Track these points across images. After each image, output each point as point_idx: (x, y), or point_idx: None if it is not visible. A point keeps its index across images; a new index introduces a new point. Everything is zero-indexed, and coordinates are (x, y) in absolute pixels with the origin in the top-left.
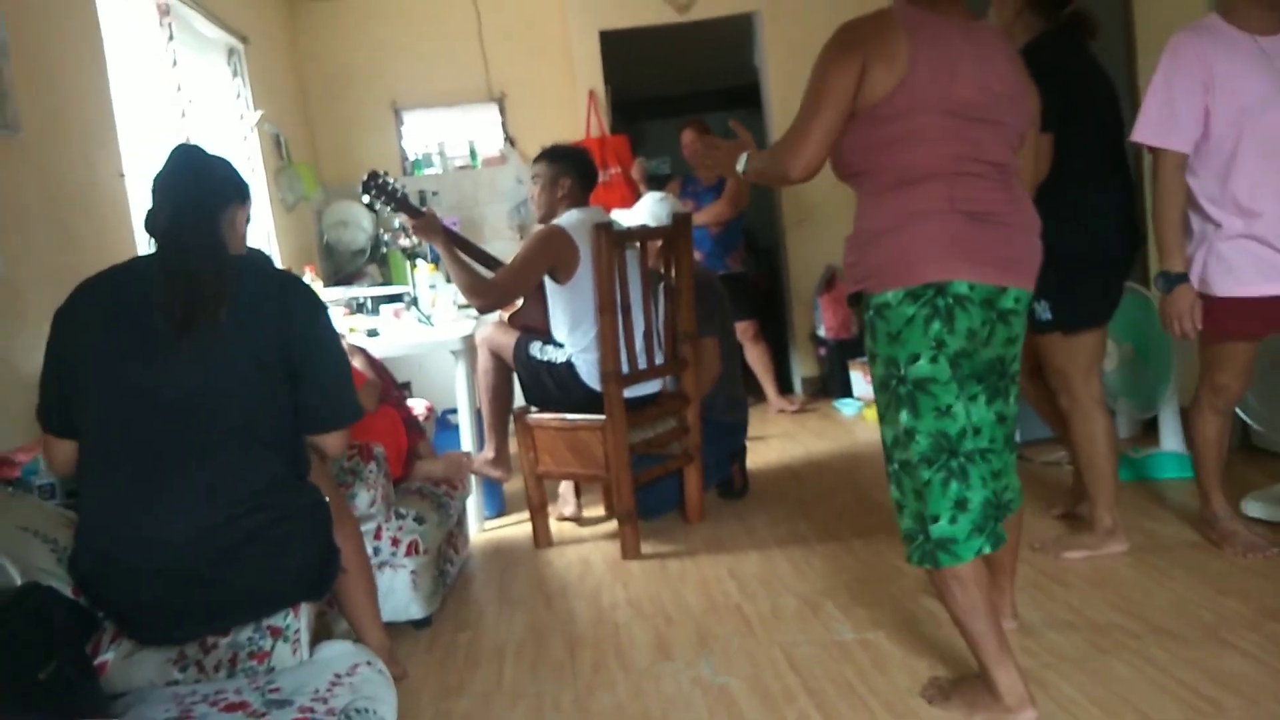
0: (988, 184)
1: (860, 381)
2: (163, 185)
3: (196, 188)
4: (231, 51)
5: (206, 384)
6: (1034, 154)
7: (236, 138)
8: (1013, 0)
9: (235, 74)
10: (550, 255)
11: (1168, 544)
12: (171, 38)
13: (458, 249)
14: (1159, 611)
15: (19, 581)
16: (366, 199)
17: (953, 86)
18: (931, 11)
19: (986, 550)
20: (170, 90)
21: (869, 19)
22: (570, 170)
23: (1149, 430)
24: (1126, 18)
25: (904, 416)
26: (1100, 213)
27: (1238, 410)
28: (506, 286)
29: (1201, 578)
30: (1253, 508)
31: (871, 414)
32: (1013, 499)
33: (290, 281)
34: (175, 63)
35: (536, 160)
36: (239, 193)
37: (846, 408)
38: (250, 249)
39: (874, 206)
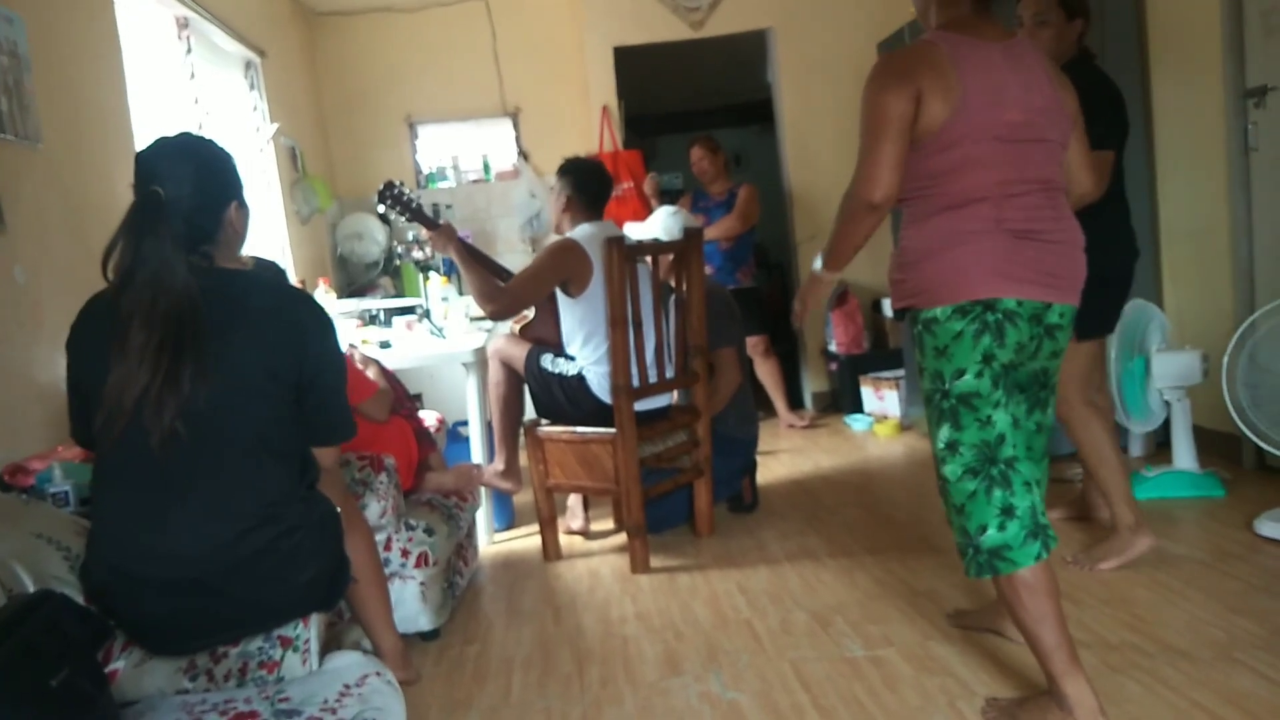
0: (1033, 201)
1: (871, 397)
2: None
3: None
4: (249, 65)
5: (217, 395)
6: (1089, 164)
7: (253, 150)
8: (1072, 29)
9: (252, 87)
10: (564, 267)
11: (1180, 563)
12: (189, 51)
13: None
14: (1171, 631)
15: (32, 589)
16: (382, 208)
17: (1001, 113)
18: (974, 36)
19: (1044, 556)
20: (188, 102)
21: (917, 50)
22: (569, 184)
23: (1162, 449)
24: (1141, 49)
25: (946, 431)
26: (1109, 231)
27: (1247, 432)
28: (518, 294)
29: (1214, 597)
30: (1266, 527)
31: (882, 429)
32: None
33: (301, 298)
34: (193, 75)
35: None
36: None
37: (857, 423)
38: (262, 260)
39: (921, 228)
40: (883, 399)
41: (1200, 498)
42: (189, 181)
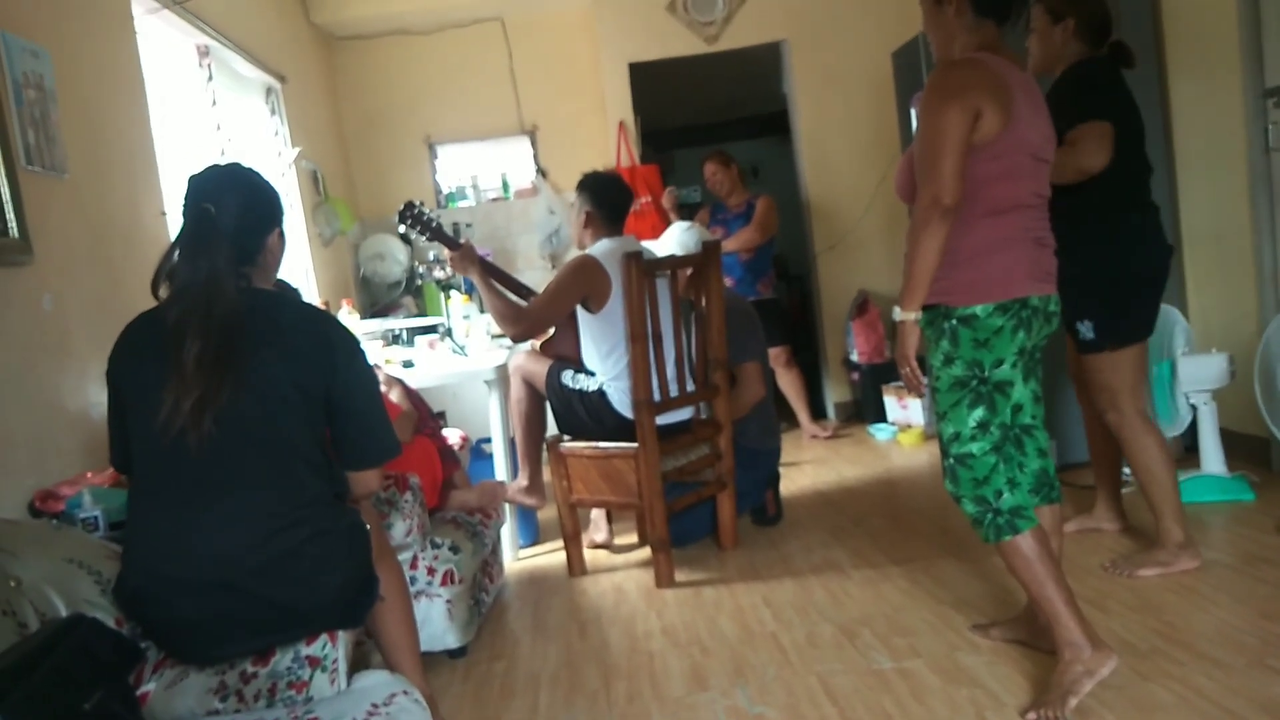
0: (1039, 214)
1: (894, 406)
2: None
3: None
4: (269, 90)
5: (250, 405)
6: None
7: (275, 174)
8: (1060, 31)
9: (273, 112)
10: (583, 285)
11: (1210, 568)
12: (211, 78)
13: (492, 278)
14: (1202, 637)
15: (64, 613)
16: (403, 228)
17: (1031, 132)
18: (1010, 62)
19: (1057, 500)
20: (210, 129)
21: (973, 67)
22: (589, 199)
23: (1190, 453)
24: (1159, 50)
25: (980, 412)
26: (1138, 234)
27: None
28: (540, 315)
29: (1245, 603)
30: None
31: (906, 439)
32: (1057, 485)
33: (329, 319)
34: (215, 102)
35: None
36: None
37: (880, 433)
38: (280, 281)
39: (966, 230)
40: (906, 408)
41: (1229, 502)
42: (237, 205)
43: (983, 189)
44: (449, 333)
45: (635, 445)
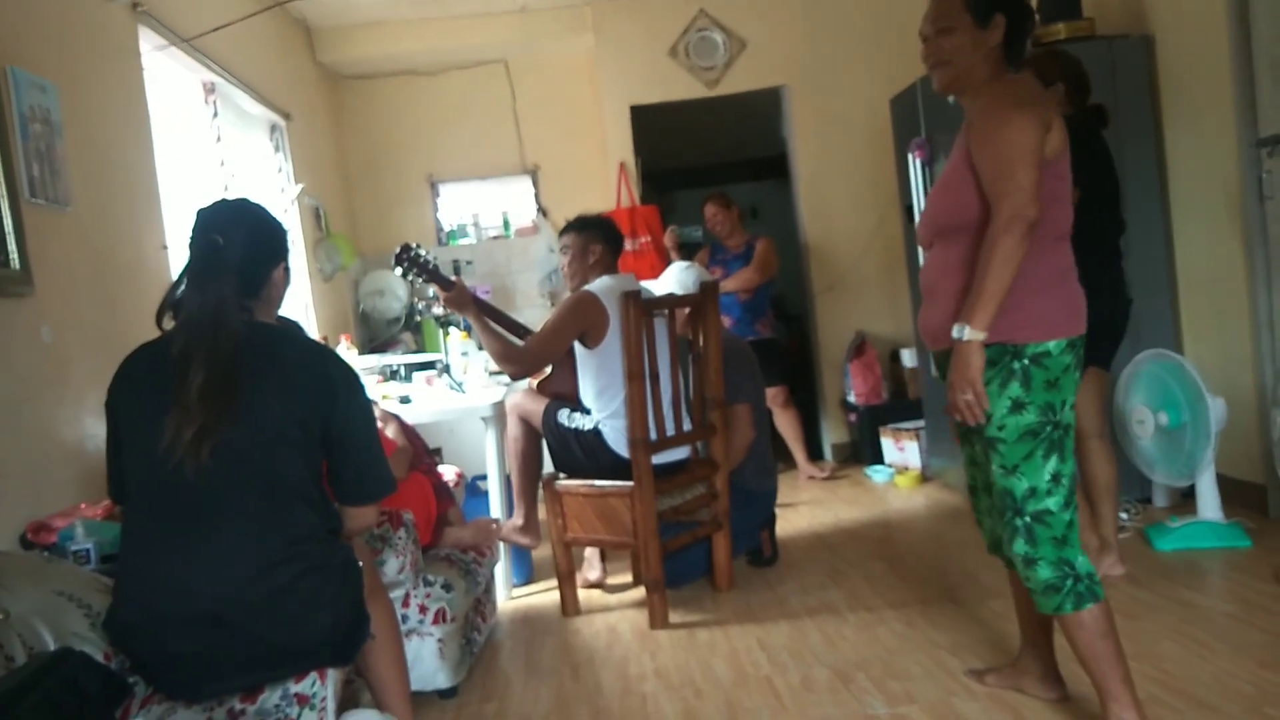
0: None
1: (891, 448)
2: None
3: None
4: (274, 127)
5: (249, 440)
6: None
7: (278, 210)
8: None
9: (277, 149)
10: (582, 320)
11: (1207, 615)
12: (216, 115)
13: (488, 317)
14: (1199, 685)
15: (53, 646)
16: (399, 270)
17: None
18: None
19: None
20: (214, 164)
21: (1030, 82)
22: (599, 237)
23: (1186, 499)
24: (1154, 102)
25: (1054, 462)
26: (1105, 283)
27: None
28: (538, 353)
29: (1242, 650)
30: None
31: (903, 481)
32: None
33: (330, 354)
34: (219, 138)
35: (564, 232)
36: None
37: (878, 475)
38: (281, 316)
39: (1033, 256)
40: (903, 450)
41: (1226, 548)
42: (244, 237)
43: (1051, 209)
44: (447, 369)
45: (631, 484)
